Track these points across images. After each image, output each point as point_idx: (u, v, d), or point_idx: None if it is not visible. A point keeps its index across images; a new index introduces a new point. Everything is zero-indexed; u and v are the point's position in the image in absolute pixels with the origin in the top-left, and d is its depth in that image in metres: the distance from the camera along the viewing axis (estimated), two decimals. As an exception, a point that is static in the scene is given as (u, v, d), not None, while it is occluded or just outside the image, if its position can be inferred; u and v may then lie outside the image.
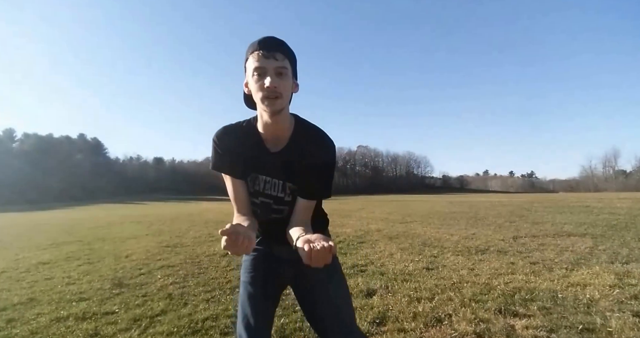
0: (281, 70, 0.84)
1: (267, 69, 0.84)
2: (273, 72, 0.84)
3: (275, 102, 0.85)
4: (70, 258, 4.76)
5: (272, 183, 0.96)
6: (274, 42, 0.85)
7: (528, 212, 9.59)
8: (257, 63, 0.84)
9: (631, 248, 4.04)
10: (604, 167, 73.67)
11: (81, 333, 2.11)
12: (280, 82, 0.84)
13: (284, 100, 0.87)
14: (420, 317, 2.14)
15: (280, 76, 0.85)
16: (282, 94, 0.85)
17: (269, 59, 0.83)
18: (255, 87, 0.86)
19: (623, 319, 1.97)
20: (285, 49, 0.86)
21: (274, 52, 0.83)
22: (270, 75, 0.83)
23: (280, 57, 0.84)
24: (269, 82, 0.83)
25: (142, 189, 61.53)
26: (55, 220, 14.21)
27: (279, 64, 0.84)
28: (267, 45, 0.84)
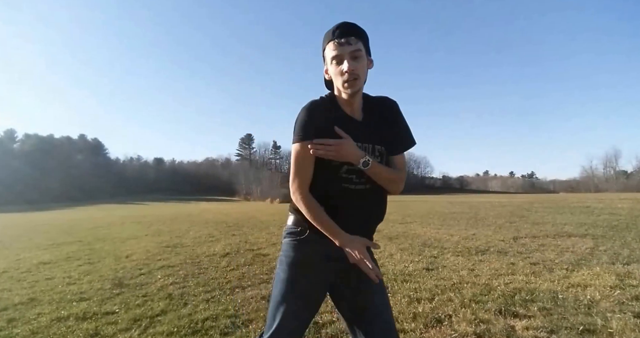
0: (356, 54, 0.92)
1: (343, 55, 0.92)
2: (349, 56, 0.92)
3: (355, 83, 0.94)
4: (70, 259, 4.77)
5: (363, 148, 0.98)
6: (346, 28, 0.93)
7: (528, 212, 9.59)
8: (335, 51, 0.93)
9: (632, 249, 4.04)
10: (605, 168, 73.61)
11: (81, 333, 2.11)
12: (356, 64, 0.92)
13: (361, 80, 0.95)
14: (420, 318, 2.14)
15: (355, 59, 0.93)
16: (359, 75, 0.93)
17: (344, 46, 0.92)
18: (336, 72, 0.95)
19: (624, 320, 1.97)
20: (357, 32, 0.93)
21: (347, 37, 0.91)
22: (347, 60, 0.92)
23: (353, 41, 0.92)
24: (347, 67, 0.91)
25: (142, 189, 61.58)
26: (55, 220, 14.23)
27: (353, 48, 0.92)
28: (341, 32, 0.92)
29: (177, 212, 16.31)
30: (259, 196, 46.03)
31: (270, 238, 6.08)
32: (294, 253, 1.00)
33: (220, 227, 8.36)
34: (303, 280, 0.98)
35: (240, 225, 8.75)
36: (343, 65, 0.92)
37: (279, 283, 0.98)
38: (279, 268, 1.02)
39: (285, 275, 0.98)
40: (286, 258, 1.01)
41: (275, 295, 0.98)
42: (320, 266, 1.00)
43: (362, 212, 1.00)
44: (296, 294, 0.96)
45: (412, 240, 5.23)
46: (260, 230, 7.51)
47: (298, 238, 1.00)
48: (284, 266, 1.00)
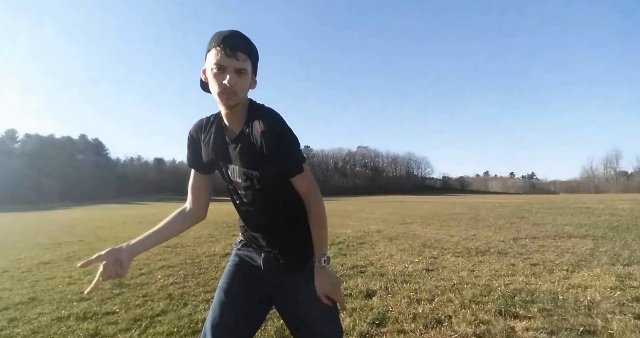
0: (241, 71, 0.86)
1: (227, 68, 0.84)
2: (233, 71, 0.85)
3: (230, 98, 0.87)
4: (71, 258, 4.78)
5: (233, 170, 0.97)
6: (238, 42, 0.86)
7: (528, 213, 9.58)
8: (219, 60, 0.84)
9: (632, 250, 4.03)
10: (605, 168, 73.51)
11: (82, 332, 2.12)
12: (238, 81, 0.86)
13: (239, 97, 0.88)
14: (420, 318, 2.14)
15: (239, 75, 0.86)
16: (238, 93, 0.87)
17: (231, 58, 0.84)
18: (213, 80, 0.87)
19: (624, 321, 1.97)
20: (248, 49, 0.87)
21: (236, 51, 0.84)
22: (229, 74, 0.84)
23: (242, 58, 0.85)
24: (227, 81, 0.84)
25: (143, 189, 61.66)
26: (56, 220, 14.25)
27: (240, 65, 0.85)
28: (231, 44, 0.84)
29: (178, 212, 16.27)
30: (259, 196, 45.82)
31: (271, 238, 6.07)
32: (230, 262, 1.07)
33: (220, 227, 8.36)
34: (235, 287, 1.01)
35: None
36: (224, 79, 0.84)
37: (218, 290, 1.03)
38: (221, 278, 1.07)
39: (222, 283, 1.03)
40: (227, 267, 1.07)
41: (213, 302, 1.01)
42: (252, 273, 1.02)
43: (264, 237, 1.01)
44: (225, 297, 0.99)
45: (412, 241, 5.23)
46: (261, 230, 7.50)
47: (237, 248, 1.09)
48: (223, 274, 1.06)
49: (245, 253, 1.05)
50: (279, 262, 0.99)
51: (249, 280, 1.01)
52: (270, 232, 0.99)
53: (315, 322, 0.96)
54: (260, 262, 1.01)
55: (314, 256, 0.93)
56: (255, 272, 1.01)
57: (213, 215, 13.12)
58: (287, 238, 0.99)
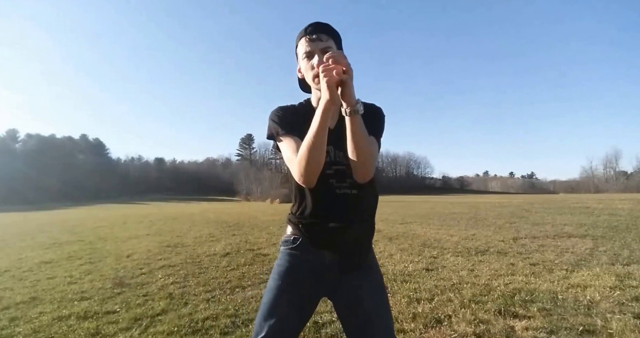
0: (327, 50, 0.90)
1: (314, 51, 0.91)
2: (320, 52, 0.91)
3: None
4: (72, 258, 4.78)
5: (335, 154, 0.94)
6: (317, 26, 0.93)
7: (528, 213, 9.58)
8: (306, 48, 0.92)
9: (632, 249, 4.04)
10: (605, 168, 73.47)
11: (82, 332, 2.12)
12: None
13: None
14: (419, 318, 2.15)
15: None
16: None
17: (315, 42, 0.92)
18: (307, 67, 0.93)
19: (624, 321, 1.97)
20: (328, 30, 0.94)
21: (318, 34, 0.92)
22: (318, 55, 0.90)
23: (324, 38, 0.92)
24: (317, 61, 0.89)
25: (143, 189, 61.69)
26: (57, 220, 14.27)
27: (324, 45, 0.91)
28: (313, 29, 0.92)
29: (178, 212, 16.33)
30: (259, 196, 46.04)
31: (271, 238, 6.09)
32: (285, 263, 1.00)
33: (221, 227, 8.37)
34: (292, 290, 0.96)
35: (241, 225, 8.76)
36: (313, 60, 0.91)
37: (269, 292, 0.97)
38: (270, 277, 1.01)
39: (275, 283, 0.98)
40: (278, 267, 1.01)
41: (264, 303, 0.96)
42: (311, 277, 0.98)
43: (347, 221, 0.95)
44: (284, 303, 0.95)
45: (412, 241, 5.24)
46: (261, 230, 7.52)
47: (291, 247, 1.00)
48: (275, 275, 1.00)
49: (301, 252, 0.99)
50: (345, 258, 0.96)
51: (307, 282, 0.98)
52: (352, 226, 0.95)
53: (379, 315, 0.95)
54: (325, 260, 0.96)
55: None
56: (315, 272, 0.97)
57: (213, 214, 13.15)
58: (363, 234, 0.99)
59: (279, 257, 1.03)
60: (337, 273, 0.96)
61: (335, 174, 0.94)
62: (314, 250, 0.97)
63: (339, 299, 1.00)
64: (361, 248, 1.00)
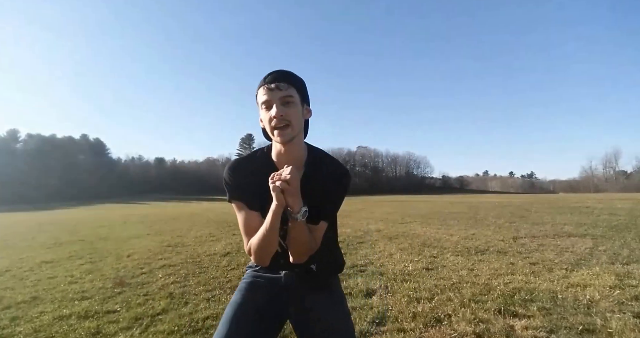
0: (287, 99, 0.88)
1: (272, 100, 0.87)
2: (279, 102, 0.87)
3: (285, 130, 0.88)
4: (72, 258, 4.79)
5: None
6: (277, 74, 0.89)
7: (528, 212, 9.58)
8: (264, 97, 0.88)
9: (632, 249, 4.04)
10: (605, 168, 73.44)
11: (83, 331, 2.13)
12: (286, 110, 0.87)
13: (293, 127, 0.89)
14: (419, 317, 2.15)
15: (287, 105, 0.88)
16: (290, 122, 0.88)
17: (274, 91, 0.87)
18: (266, 119, 0.90)
19: (623, 320, 1.97)
20: (288, 78, 0.89)
21: (277, 83, 0.87)
22: (276, 106, 0.87)
23: (284, 87, 0.87)
24: (275, 112, 0.86)
25: (143, 189, 61.71)
26: (58, 219, 14.28)
27: (283, 94, 0.87)
28: (271, 79, 0.88)
29: (179, 212, 16.34)
30: (259, 196, 45.84)
31: (271, 237, 6.08)
32: (248, 279, 1.05)
33: (221, 227, 8.38)
34: (252, 303, 0.98)
35: (241, 225, 8.75)
36: (272, 111, 0.87)
37: (229, 306, 0.99)
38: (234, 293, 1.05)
39: (236, 298, 1.01)
40: (241, 284, 1.05)
41: (223, 316, 0.97)
42: (271, 292, 1.01)
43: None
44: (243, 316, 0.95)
45: (412, 240, 5.24)
46: (261, 229, 7.51)
47: (255, 269, 1.07)
48: (237, 291, 1.04)
49: (262, 273, 1.04)
50: (305, 280, 1.00)
51: (266, 298, 1.00)
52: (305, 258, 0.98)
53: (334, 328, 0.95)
54: (282, 279, 1.00)
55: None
56: (274, 290, 1.00)
57: (213, 214, 13.17)
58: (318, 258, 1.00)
59: (243, 277, 1.09)
60: (296, 294, 1.00)
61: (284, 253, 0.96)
62: (273, 272, 1.02)
63: (296, 321, 1.01)
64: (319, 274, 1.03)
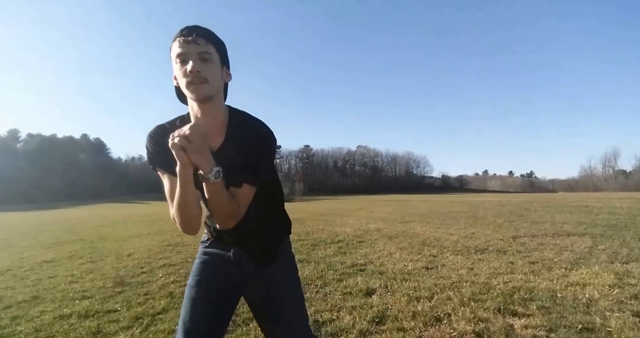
0: (205, 56, 0.81)
1: (189, 54, 0.81)
2: (196, 56, 0.81)
3: (201, 87, 0.81)
4: (73, 257, 4.80)
5: None
6: (196, 28, 0.82)
7: (527, 211, 9.58)
8: (179, 49, 0.81)
9: (631, 248, 4.04)
10: (604, 167, 73.47)
11: (84, 330, 2.13)
12: (204, 66, 0.81)
13: (211, 86, 0.83)
14: (419, 316, 2.16)
15: (204, 62, 0.81)
16: (207, 79, 0.81)
17: (190, 44, 0.80)
18: (180, 74, 0.82)
19: (623, 319, 1.98)
20: (208, 35, 0.83)
21: (195, 37, 0.81)
22: (193, 60, 0.80)
23: (202, 42, 0.81)
24: (191, 67, 0.80)
25: (144, 189, 61.62)
26: (58, 219, 14.29)
27: (202, 49, 0.81)
28: (189, 31, 0.81)
29: (178, 211, 16.30)
30: (259, 195, 45.84)
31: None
32: (199, 260, 1.05)
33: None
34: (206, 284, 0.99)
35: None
36: (187, 65, 0.80)
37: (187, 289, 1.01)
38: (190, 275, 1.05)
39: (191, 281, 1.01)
40: (194, 265, 1.06)
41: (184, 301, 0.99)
42: (222, 270, 1.01)
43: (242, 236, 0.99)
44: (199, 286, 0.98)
45: (412, 239, 5.25)
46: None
47: (205, 246, 1.07)
48: (191, 273, 1.04)
49: (214, 250, 1.05)
50: (252, 255, 1.01)
51: (220, 276, 1.01)
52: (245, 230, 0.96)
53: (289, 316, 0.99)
54: (230, 255, 1.01)
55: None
56: (225, 267, 1.01)
57: (213, 214, 12.93)
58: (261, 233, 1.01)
59: (197, 255, 1.09)
60: (246, 269, 1.01)
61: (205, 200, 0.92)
62: (223, 248, 1.02)
63: (249, 295, 1.04)
64: (267, 246, 1.04)
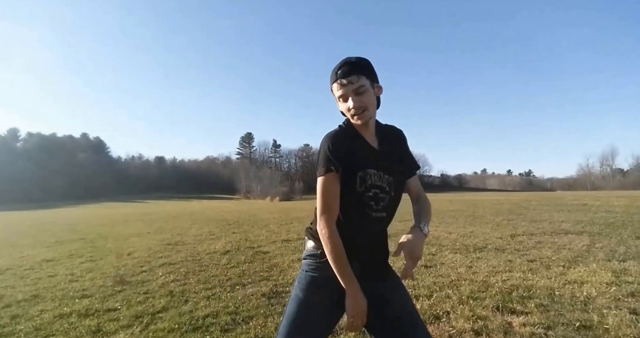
0: (360, 90, 0.96)
1: (347, 94, 0.97)
2: (353, 94, 0.96)
3: (363, 115, 0.98)
4: (73, 256, 4.81)
5: (379, 176, 1.03)
6: (347, 67, 0.96)
7: (526, 210, 9.60)
8: (339, 92, 0.98)
9: (628, 246, 4.06)
10: (602, 166, 73.57)
11: (84, 329, 2.14)
12: (361, 98, 0.97)
13: (370, 111, 0.99)
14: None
15: (361, 95, 0.97)
16: (367, 107, 0.98)
17: (347, 86, 0.96)
18: (345, 109, 1.00)
19: (620, 316, 1.99)
20: (358, 69, 0.97)
21: (348, 77, 0.95)
22: (351, 98, 0.97)
23: (355, 79, 0.95)
24: (352, 104, 0.96)
25: (144, 188, 61.63)
26: (58, 218, 14.28)
27: (356, 86, 0.96)
28: (342, 73, 0.96)
29: (179, 210, 16.34)
30: (259, 194, 46.07)
31: (270, 236, 6.10)
32: (313, 274, 1.02)
33: (221, 225, 8.40)
34: (319, 300, 1.00)
35: (241, 223, 8.79)
36: (349, 103, 0.97)
37: (296, 301, 1.00)
38: (297, 287, 1.03)
39: (303, 294, 1.00)
40: (305, 278, 1.03)
41: (290, 313, 0.99)
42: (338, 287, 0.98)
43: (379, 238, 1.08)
44: (312, 313, 0.98)
45: (411, 238, 5.26)
46: (260, 228, 7.54)
47: (318, 260, 1.01)
48: (303, 285, 1.02)
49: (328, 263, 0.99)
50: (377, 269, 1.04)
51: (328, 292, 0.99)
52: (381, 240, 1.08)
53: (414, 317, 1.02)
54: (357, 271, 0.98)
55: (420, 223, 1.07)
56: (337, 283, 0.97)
57: (213, 212, 13.13)
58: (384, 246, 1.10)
59: (304, 269, 1.05)
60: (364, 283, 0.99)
61: (374, 197, 1.02)
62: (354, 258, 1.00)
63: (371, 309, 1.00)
64: (382, 261, 1.08)
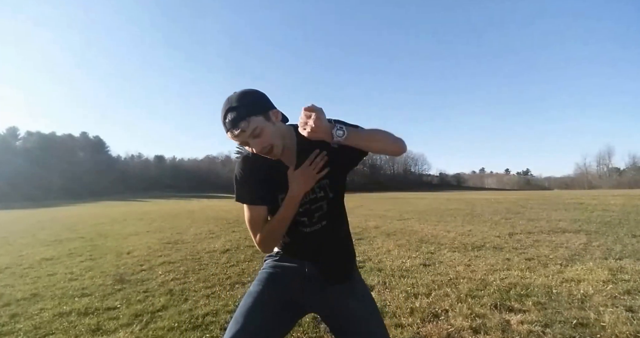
0: (255, 133, 0.89)
1: (244, 141, 0.91)
2: (251, 138, 0.90)
3: (272, 153, 0.93)
4: (72, 255, 4.80)
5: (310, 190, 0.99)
6: (233, 115, 0.88)
7: (523, 209, 9.62)
8: (237, 141, 0.92)
9: (624, 244, 4.09)
10: (598, 165, 73.94)
11: (83, 328, 2.15)
12: (260, 140, 0.91)
13: (278, 145, 0.94)
14: (417, 313, 2.18)
15: (258, 136, 0.90)
16: (270, 145, 0.92)
17: (239, 135, 0.89)
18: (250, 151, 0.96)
19: (616, 314, 2.01)
20: (246, 112, 0.88)
21: (237, 126, 0.88)
22: (251, 143, 0.91)
23: (245, 126, 0.88)
24: (255, 150, 0.92)
25: (143, 187, 61.48)
26: (58, 217, 14.24)
27: (249, 132, 0.89)
28: (230, 124, 0.89)
29: (178, 209, 16.32)
30: (258, 193, 45.74)
31: (270, 234, 6.10)
32: (268, 269, 1.05)
33: (221, 224, 8.39)
34: (269, 293, 0.99)
35: (241, 222, 8.77)
36: (251, 147, 0.93)
37: (248, 296, 0.99)
38: (252, 283, 1.05)
39: (255, 288, 1.01)
40: (261, 274, 1.06)
41: (240, 306, 0.97)
42: (293, 283, 1.01)
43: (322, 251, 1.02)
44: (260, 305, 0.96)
45: (410, 237, 5.28)
46: (260, 226, 7.52)
47: (275, 259, 1.07)
48: (256, 281, 1.04)
49: (283, 263, 1.04)
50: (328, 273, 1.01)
51: (287, 288, 1.00)
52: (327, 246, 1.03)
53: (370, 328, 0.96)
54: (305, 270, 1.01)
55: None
56: (294, 280, 1.01)
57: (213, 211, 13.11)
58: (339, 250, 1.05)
59: (263, 266, 1.08)
60: (319, 285, 1.00)
61: (305, 213, 1.00)
62: (297, 262, 1.03)
63: (325, 311, 1.02)
64: (340, 263, 1.04)
